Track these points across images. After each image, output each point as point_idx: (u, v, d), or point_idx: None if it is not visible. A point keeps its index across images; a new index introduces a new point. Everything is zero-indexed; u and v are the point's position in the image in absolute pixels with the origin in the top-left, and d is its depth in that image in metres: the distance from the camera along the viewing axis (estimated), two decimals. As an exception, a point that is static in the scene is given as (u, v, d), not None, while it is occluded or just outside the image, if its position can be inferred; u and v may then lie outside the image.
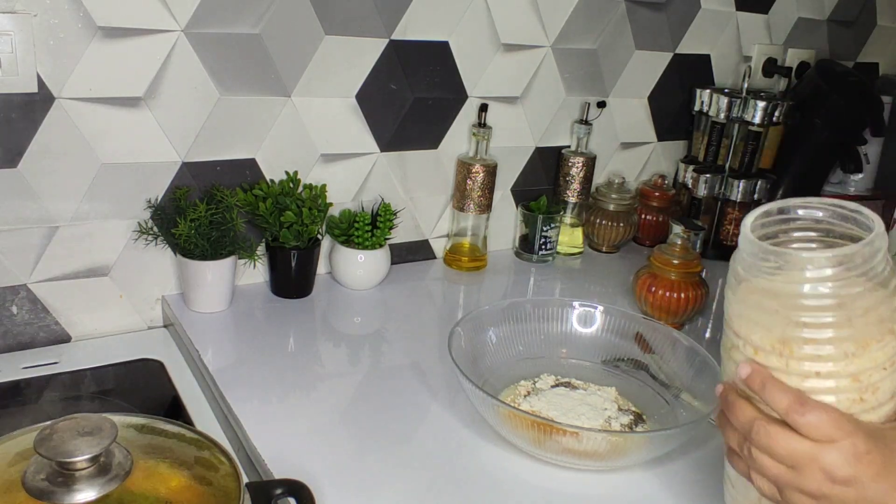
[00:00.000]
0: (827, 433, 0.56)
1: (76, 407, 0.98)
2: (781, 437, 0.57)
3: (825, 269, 0.58)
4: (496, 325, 1.06)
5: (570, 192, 1.47)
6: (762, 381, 0.58)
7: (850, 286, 0.58)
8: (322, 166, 1.24)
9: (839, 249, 0.59)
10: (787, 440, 0.57)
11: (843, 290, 0.58)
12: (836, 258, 0.58)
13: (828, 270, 0.58)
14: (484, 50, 1.33)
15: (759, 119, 1.49)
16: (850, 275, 0.58)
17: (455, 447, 0.92)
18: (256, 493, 0.68)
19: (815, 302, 0.58)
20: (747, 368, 0.59)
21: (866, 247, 0.58)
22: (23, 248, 1.04)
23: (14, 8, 0.95)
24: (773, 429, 0.58)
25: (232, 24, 1.09)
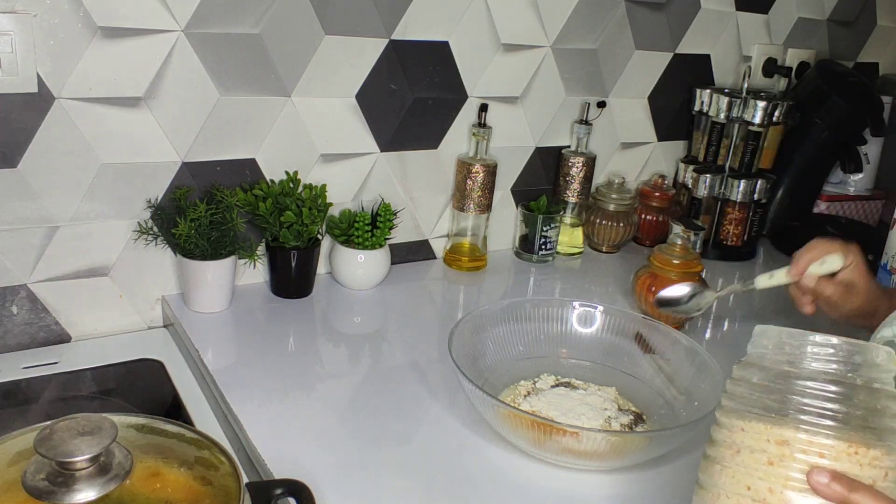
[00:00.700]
0: None
1: (76, 407, 0.98)
2: None
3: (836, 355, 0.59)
4: (496, 325, 1.06)
5: (570, 192, 1.47)
6: (850, 485, 0.55)
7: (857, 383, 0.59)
8: (322, 166, 1.24)
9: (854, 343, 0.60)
10: None
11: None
12: (851, 345, 0.59)
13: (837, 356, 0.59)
14: (484, 50, 1.33)
15: (759, 119, 1.49)
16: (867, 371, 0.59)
17: (455, 447, 0.92)
18: (256, 493, 0.68)
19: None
20: (825, 474, 0.55)
21: (884, 351, 0.59)
22: (23, 248, 1.04)
23: (14, 8, 0.95)
24: None
25: (232, 24, 1.09)
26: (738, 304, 1.39)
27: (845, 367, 0.58)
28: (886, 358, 0.59)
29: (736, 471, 0.59)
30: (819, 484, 0.55)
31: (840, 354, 0.59)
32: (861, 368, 0.58)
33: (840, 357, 0.59)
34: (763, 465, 0.57)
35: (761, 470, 0.57)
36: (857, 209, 1.74)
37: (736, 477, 0.58)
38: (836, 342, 0.59)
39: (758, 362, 0.62)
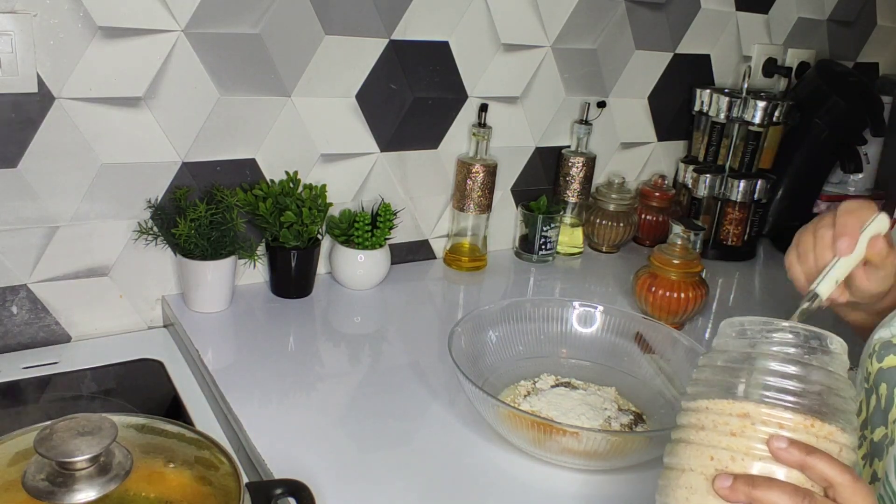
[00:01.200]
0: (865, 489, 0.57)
1: (76, 407, 0.98)
2: None
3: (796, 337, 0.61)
4: (496, 325, 1.06)
5: (570, 192, 1.47)
6: (808, 449, 0.56)
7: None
8: (322, 166, 1.24)
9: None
10: None
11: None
12: (811, 331, 0.61)
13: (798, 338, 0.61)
14: (484, 50, 1.33)
15: (759, 119, 1.49)
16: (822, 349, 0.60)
17: (455, 447, 0.92)
18: (256, 493, 0.68)
19: None
20: (783, 440, 0.57)
21: (838, 340, 0.61)
22: (23, 248, 1.04)
23: (14, 8, 0.95)
24: None
25: (232, 24, 1.09)
26: (738, 305, 1.39)
27: (802, 351, 0.61)
28: (840, 347, 0.61)
29: (699, 445, 0.61)
30: (778, 449, 0.57)
31: (798, 339, 0.61)
32: (817, 353, 0.61)
33: (798, 341, 0.61)
34: (726, 436, 0.59)
35: (724, 441, 0.59)
36: (857, 209, 1.74)
37: (700, 450, 0.60)
38: (795, 327, 0.62)
39: (722, 348, 0.64)
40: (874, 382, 0.67)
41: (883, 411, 0.65)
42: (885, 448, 0.64)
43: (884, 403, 0.65)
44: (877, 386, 0.67)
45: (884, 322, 0.70)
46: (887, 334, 0.69)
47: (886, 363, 0.66)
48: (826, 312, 0.76)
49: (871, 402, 0.67)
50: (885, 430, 0.64)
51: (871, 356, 0.68)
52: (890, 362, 0.66)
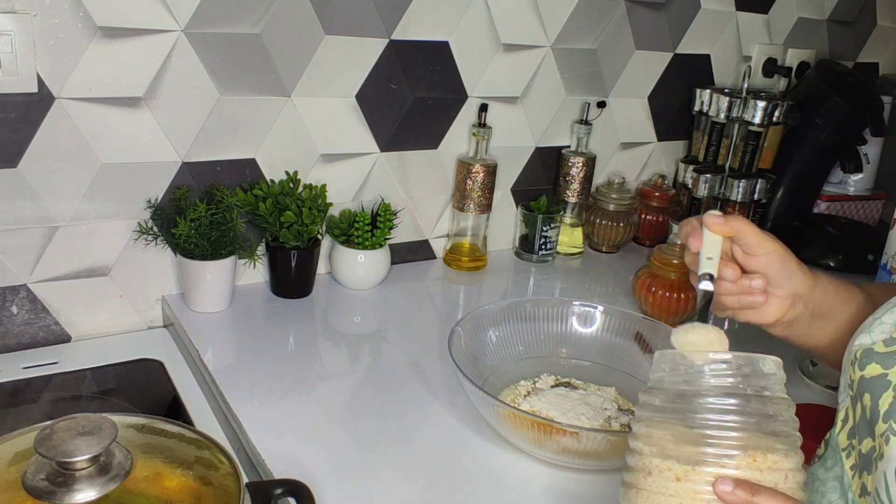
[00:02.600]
0: None
1: (76, 407, 0.98)
2: None
3: (730, 371, 0.61)
4: (496, 325, 1.06)
5: (570, 192, 1.47)
6: (753, 489, 0.56)
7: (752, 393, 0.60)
8: (322, 166, 1.24)
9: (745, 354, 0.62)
10: None
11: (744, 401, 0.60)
12: (742, 357, 0.61)
13: (732, 371, 0.61)
14: (484, 50, 1.33)
15: (759, 119, 1.49)
16: (755, 382, 0.60)
17: (455, 447, 0.92)
18: (256, 493, 0.68)
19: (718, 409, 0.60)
20: (729, 482, 0.57)
21: (771, 361, 0.61)
22: (23, 248, 1.04)
23: (14, 8, 0.95)
24: None
25: (232, 24, 1.09)
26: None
27: (736, 380, 0.60)
28: (773, 366, 0.61)
29: (648, 492, 0.60)
30: (724, 493, 0.57)
31: (731, 369, 0.61)
32: (751, 378, 0.60)
33: (731, 371, 0.61)
34: (672, 482, 0.59)
35: (671, 487, 0.59)
36: (857, 209, 1.74)
37: (650, 498, 0.60)
38: (726, 357, 0.61)
39: (658, 385, 0.63)
40: (857, 391, 0.67)
41: (869, 422, 0.64)
42: (873, 462, 0.63)
43: (869, 415, 0.64)
44: (861, 395, 0.66)
45: (863, 328, 0.69)
46: (867, 341, 0.68)
47: (869, 372, 0.66)
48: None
49: (857, 410, 0.67)
50: (873, 442, 0.64)
51: (854, 363, 0.67)
52: (872, 371, 0.65)
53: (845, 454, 0.68)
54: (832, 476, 0.69)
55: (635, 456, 0.63)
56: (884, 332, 0.67)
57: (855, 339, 0.69)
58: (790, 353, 1.20)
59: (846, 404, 0.69)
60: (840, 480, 0.68)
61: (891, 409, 0.61)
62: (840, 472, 0.68)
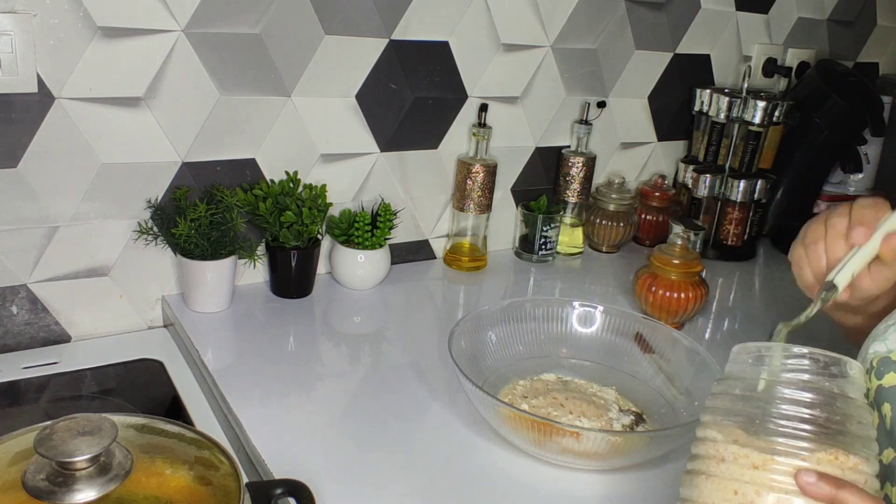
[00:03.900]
0: None
1: (76, 407, 0.98)
2: None
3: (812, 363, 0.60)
4: (496, 325, 1.06)
5: (570, 192, 1.47)
6: (838, 483, 0.56)
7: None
8: (322, 166, 1.24)
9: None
10: None
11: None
12: (831, 357, 0.61)
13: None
14: (484, 50, 1.33)
15: (759, 119, 1.49)
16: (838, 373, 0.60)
17: (455, 447, 0.92)
18: (256, 493, 0.68)
19: None
20: (813, 474, 0.56)
21: (856, 365, 0.61)
22: (23, 248, 1.04)
23: (14, 8, 0.95)
24: None
25: (232, 24, 1.09)
26: (738, 305, 1.39)
27: (821, 377, 0.60)
28: (858, 372, 0.61)
29: (721, 478, 0.60)
30: (807, 483, 0.56)
31: (816, 366, 0.60)
32: (837, 379, 0.60)
33: (816, 368, 0.60)
34: (748, 469, 0.58)
35: (747, 474, 0.58)
36: (857, 209, 1.74)
37: (722, 483, 0.59)
38: (813, 353, 0.61)
39: (739, 375, 0.63)
40: (875, 399, 0.66)
41: (888, 432, 0.64)
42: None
43: (888, 424, 0.64)
44: (879, 404, 0.65)
45: (876, 334, 0.68)
46: (883, 349, 0.67)
47: (887, 381, 0.65)
48: (817, 320, 0.73)
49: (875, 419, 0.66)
50: (894, 452, 0.64)
51: (870, 372, 0.67)
52: (891, 380, 0.64)
53: None
54: None
55: (707, 444, 0.62)
56: None
57: (869, 346, 0.68)
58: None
59: None
60: None
61: None
62: None
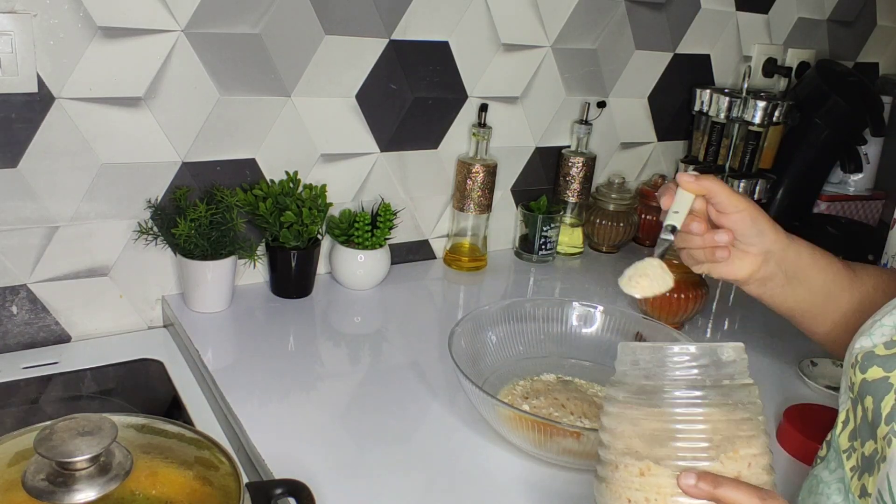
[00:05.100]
0: None
1: (76, 407, 0.98)
2: None
3: (694, 363, 0.61)
4: (496, 325, 1.06)
5: (570, 192, 1.47)
6: (715, 481, 0.58)
7: (717, 384, 0.61)
8: (322, 166, 1.24)
9: (705, 344, 0.62)
10: None
11: (712, 392, 0.60)
12: (702, 347, 0.61)
13: (696, 363, 0.61)
14: (484, 50, 1.33)
15: (759, 119, 1.49)
16: (717, 372, 0.61)
17: (455, 447, 0.92)
18: (256, 493, 0.68)
19: (687, 405, 0.60)
20: (692, 475, 0.58)
21: (730, 348, 0.62)
22: (23, 248, 1.04)
23: (14, 8, 0.95)
24: None
25: (232, 24, 1.09)
26: (738, 304, 1.39)
27: (696, 371, 0.61)
28: (734, 353, 0.62)
29: (617, 485, 0.61)
30: (688, 487, 0.58)
31: (692, 360, 0.61)
32: (709, 369, 0.61)
33: (692, 363, 0.61)
34: (636, 476, 0.60)
35: (636, 482, 0.60)
36: (857, 209, 1.74)
37: (617, 492, 0.61)
38: (688, 349, 0.61)
39: (621, 380, 0.64)
40: (859, 393, 0.67)
41: (871, 425, 0.64)
42: (875, 464, 0.63)
43: (871, 417, 0.64)
44: (862, 397, 0.66)
45: (863, 329, 0.69)
46: (868, 343, 0.68)
47: (870, 375, 0.66)
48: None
49: (858, 412, 0.67)
50: (875, 444, 0.64)
51: (854, 366, 0.67)
52: (874, 374, 0.65)
53: (846, 456, 0.68)
54: (836, 478, 0.69)
55: (604, 449, 0.64)
56: (884, 334, 0.67)
57: (855, 342, 0.69)
58: (791, 354, 1.20)
59: (847, 406, 0.69)
60: (843, 482, 0.68)
61: (893, 411, 0.61)
62: (842, 474, 0.68)
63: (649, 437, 0.60)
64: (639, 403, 0.61)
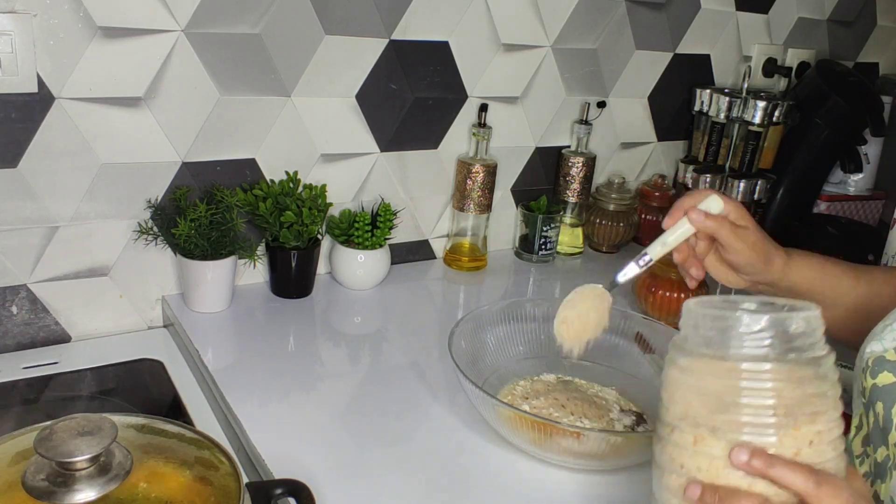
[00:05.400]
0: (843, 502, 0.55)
1: (76, 407, 0.98)
2: None
3: (762, 336, 0.58)
4: (496, 325, 1.06)
5: (570, 192, 1.47)
6: (768, 461, 0.56)
7: (784, 359, 0.58)
8: (322, 166, 1.24)
9: (774, 314, 0.59)
10: None
11: (780, 365, 0.58)
12: (771, 319, 0.58)
13: (764, 336, 0.58)
14: (484, 50, 1.33)
15: (759, 119, 1.49)
16: (786, 345, 0.58)
17: (455, 447, 0.92)
18: (256, 493, 0.68)
19: (753, 377, 0.58)
20: (746, 451, 0.56)
21: (801, 318, 0.59)
22: (23, 248, 1.04)
23: (14, 8, 0.95)
24: None
25: (232, 24, 1.09)
26: (738, 304, 1.39)
27: (762, 343, 0.58)
28: (804, 324, 0.59)
29: (672, 448, 0.60)
30: (739, 462, 0.56)
31: (758, 331, 0.58)
32: (776, 341, 0.58)
33: (757, 333, 0.58)
34: (690, 444, 0.59)
35: (689, 450, 0.59)
36: (857, 209, 1.74)
37: (671, 454, 0.60)
38: (754, 320, 0.58)
39: (682, 343, 0.62)
40: (870, 398, 0.66)
41: (882, 431, 0.64)
42: (888, 471, 0.63)
43: (882, 423, 0.64)
44: (873, 403, 0.65)
45: (874, 333, 0.69)
46: (879, 348, 0.67)
47: (881, 380, 0.65)
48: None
49: (870, 417, 0.66)
50: (887, 451, 0.64)
51: (865, 371, 0.67)
52: (884, 379, 0.65)
53: (859, 461, 0.68)
54: None
55: (663, 408, 0.62)
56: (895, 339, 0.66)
57: (866, 346, 0.68)
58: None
59: (860, 410, 0.69)
60: None
61: None
62: None
63: (706, 404, 0.58)
64: (696, 371, 0.60)
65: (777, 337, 0.58)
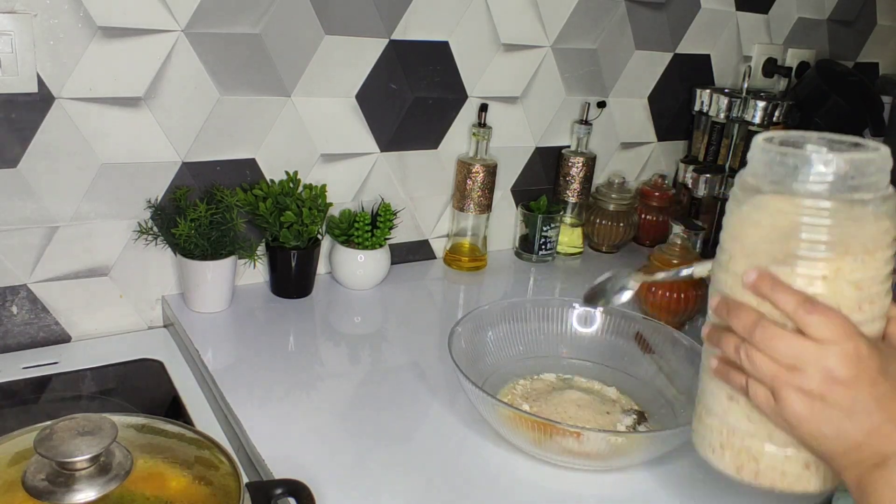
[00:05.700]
0: (831, 333, 0.56)
1: (76, 407, 0.98)
2: (785, 335, 0.58)
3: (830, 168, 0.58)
4: (496, 325, 1.06)
5: (570, 192, 1.47)
6: (771, 284, 0.58)
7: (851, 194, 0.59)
8: (322, 166, 1.24)
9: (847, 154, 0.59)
10: (790, 339, 0.58)
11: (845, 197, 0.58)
12: (844, 157, 0.58)
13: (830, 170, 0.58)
14: (484, 50, 1.33)
15: (759, 119, 1.49)
16: (854, 182, 0.58)
17: (455, 447, 0.92)
18: (256, 493, 0.68)
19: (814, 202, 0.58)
20: (754, 273, 0.60)
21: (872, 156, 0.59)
22: (23, 248, 1.04)
23: (14, 8, 0.95)
24: (776, 329, 0.58)
25: (232, 24, 1.09)
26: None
27: (831, 184, 0.59)
28: (881, 162, 0.59)
29: (716, 268, 0.66)
30: (748, 281, 0.60)
31: (831, 168, 0.59)
32: (844, 181, 0.58)
33: (829, 172, 0.59)
34: (726, 262, 0.64)
35: (724, 266, 0.64)
36: (857, 209, 1.74)
37: (714, 271, 0.66)
38: (829, 158, 0.58)
39: (742, 174, 0.64)
40: None
41: None
42: None
43: None
44: None
45: None
46: None
47: None
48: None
49: None
50: None
51: None
52: None
53: None
54: None
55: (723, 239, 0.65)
56: None
57: None
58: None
59: None
60: None
61: None
62: None
63: (740, 230, 0.62)
64: (758, 205, 0.61)
65: (840, 175, 0.58)
